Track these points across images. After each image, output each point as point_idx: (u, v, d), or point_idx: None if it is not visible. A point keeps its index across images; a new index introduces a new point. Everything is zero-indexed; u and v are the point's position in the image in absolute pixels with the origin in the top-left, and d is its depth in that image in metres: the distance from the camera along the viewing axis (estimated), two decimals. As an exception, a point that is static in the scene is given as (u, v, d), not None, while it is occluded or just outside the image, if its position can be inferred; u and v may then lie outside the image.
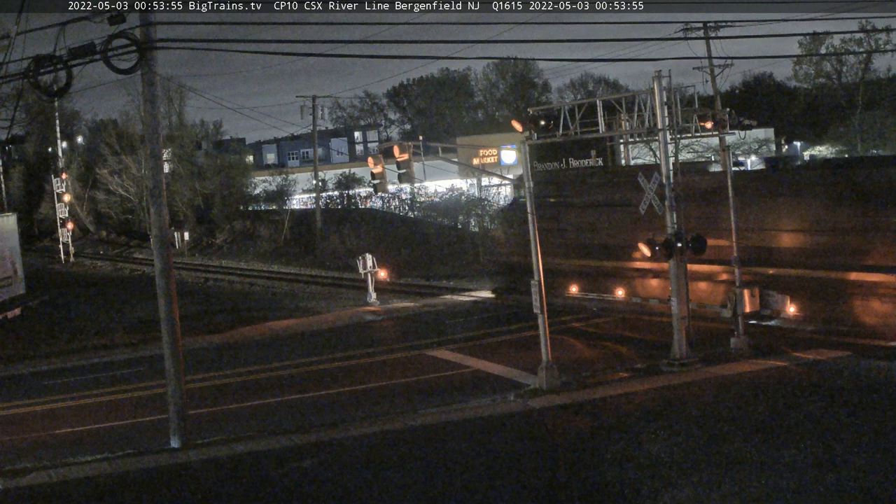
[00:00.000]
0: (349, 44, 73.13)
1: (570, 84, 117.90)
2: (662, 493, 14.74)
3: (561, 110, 25.56)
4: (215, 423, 21.25)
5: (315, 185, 71.35)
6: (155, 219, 19.56)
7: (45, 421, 22.75)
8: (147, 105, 19.83)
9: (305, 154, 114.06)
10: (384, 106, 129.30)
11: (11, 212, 54.03)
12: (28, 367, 30.62)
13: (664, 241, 23.25)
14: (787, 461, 15.66)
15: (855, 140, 72.88)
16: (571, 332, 29.14)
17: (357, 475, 16.83)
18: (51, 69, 18.38)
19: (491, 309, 35.34)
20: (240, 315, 38.16)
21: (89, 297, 47.78)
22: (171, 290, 19.56)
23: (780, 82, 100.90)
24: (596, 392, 21.38)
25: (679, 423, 18.22)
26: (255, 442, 19.15)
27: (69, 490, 16.88)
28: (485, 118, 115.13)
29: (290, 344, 31.61)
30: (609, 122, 25.87)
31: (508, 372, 24.28)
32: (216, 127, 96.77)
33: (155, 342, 29.44)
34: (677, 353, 23.44)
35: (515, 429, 19.20)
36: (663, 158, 23.94)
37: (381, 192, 26.64)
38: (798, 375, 21.33)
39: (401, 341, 30.02)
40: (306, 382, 25.24)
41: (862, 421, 17.57)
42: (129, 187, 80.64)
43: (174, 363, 19.51)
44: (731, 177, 25.44)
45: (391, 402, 22.19)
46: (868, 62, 76.90)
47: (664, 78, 23.70)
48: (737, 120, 25.94)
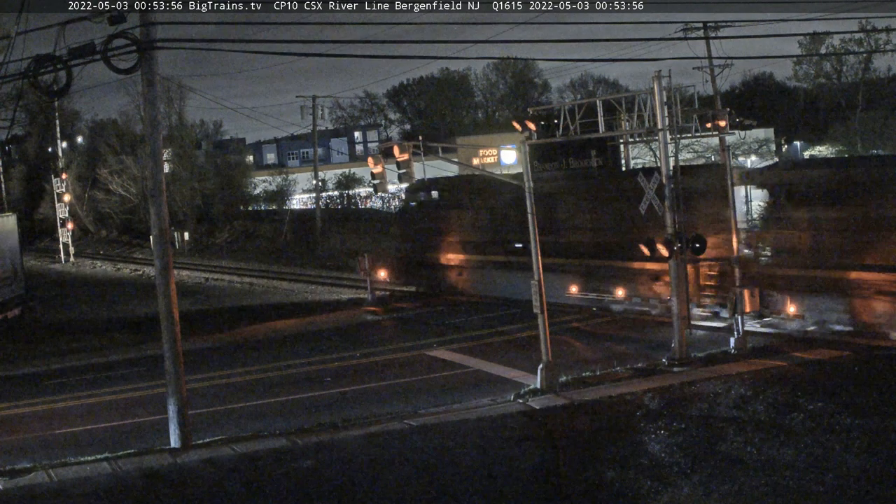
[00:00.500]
0: (349, 44, 73.14)
1: (570, 84, 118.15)
2: (662, 493, 14.75)
3: (561, 110, 25.57)
4: (215, 423, 21.25)
5: (315, 185, 71.37)
6: (155, 219, 19.55)
7: (45, 421, 22.74)
8: (147, 105, 19.82)
9: (305, 154, 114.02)
10: (384, 106, 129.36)
11: (11, 212, 53.99)
12: (28, 367, 30.60)
13: (664, 240, 23.26)
14: (787, 461, 15.66)
15: (855, 140, 72.87)
16: (571, 332, 29.15)
17: (357, 475, 16.83)
18: (51, 69, 18.39)
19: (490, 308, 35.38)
20: (240, 315, 38.16)
21: (89, 297, 47.80)
22: (171, 290, 19.55)
23: (780, 82, 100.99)
24: (596, 392, 21.38)
25: (679, 423, 18.22)
26: (255, 442, 19.15)
27: (69, 490, 16.87)
28: (485, 118, 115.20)
29: (290, 344, 31.61)
30: (609, 122, 25.88)
31: (508, 372, 24.28)
32: (216, 127, 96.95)
33: (155, 342, 29.41)
34: (677, 353, 23.45)
35: (515, 429, 19.19)
36: (663, 158, 23.95)
37: (381, 192, 26.62)
38: (798, 375, 21.32)
39: (401, 341, 30.02)
40: (306, 382, 25.23)
41: (862, 421, 17.57)
42: (129, 187, 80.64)
43: (174, 363, 19.50)
44: (731, 177, 25.46)
45: (391, 402, 22.19)
46: (868, 62, 76.95)
47: (664, 78, 23.71)
48: (737, 120, 25.95)
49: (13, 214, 47.56)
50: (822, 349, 23.80)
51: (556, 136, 25.53)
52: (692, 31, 52.87)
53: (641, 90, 25.08)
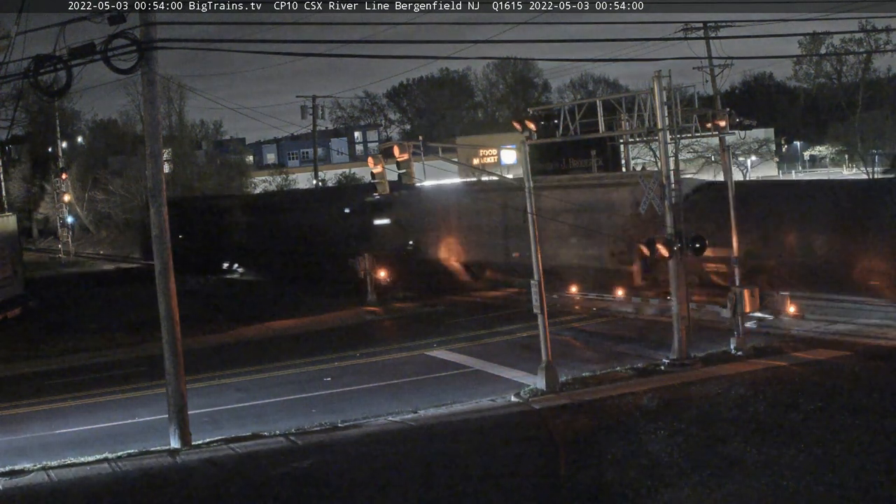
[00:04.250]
0: (349, 44, 73.25)
1: (570, 84, 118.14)
2: (662, 493, 14.74)
3: (561, 110, 25.53)
4: (215, 423, 21.25)
5: (315, 185, 71.37)
6: (155, 219, 19.54)
7: (46, 421, 22.74)
8: (147, 105, 19.83)
9: (305, 154, 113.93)
10: (384, 106, 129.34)
11: (11, 212, 53.99)
12: (28, 367, 30.59)
13: (664, 240, 23.26)
14: (787, 461, 15.65)
15: (855, 140, 72.83)
16: (571, 332, 29.14)
17: (357, 475, 16.82)
18: (51, 69, 18.39)
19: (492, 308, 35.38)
20: (240, 315, 38.13)
21: (89, 296, 47.77)
22: (171, 290, 19.55)
23: (780, 82, 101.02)
24: (596, 392, 21.38)
25: (679, 423, 18.21)
26: (255, 442, 19.15)
27: (69, 490, 16.88)
28: (485, 118, 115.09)
29: (290, 344, 31.60)
30: (609, 122, 25.86)
31: (508, 372, 24.28)
32: (216, 127, 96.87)
33: (155, 342, 29.39)
34: (677, 353, 23.45)
35: (515, 429, 19.19)
36: (663, 158, 23.95)
37: (381, 193, 26.58)
38: (798, 375, 21.32)
39: (401, 341, 30.01)
40: (306, 382, 25.23)
41: (862, 421, 17.55)
42: (129, 187, 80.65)
43: (174, 363, 19.51)
44: (731, 178, 25.46)
45: (391, 402, 22.19)
46: (868, 62, 76.79)
47: (664, 78, 23.69)
48: (737, 120, 25.94)
49: (13, 214, 47.59)
50: (822, 349, 23.79)
51: (556, 136, 25.51)
52: (692, 31, 52.96)
53: (641, 90, 25.05)
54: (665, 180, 23.58)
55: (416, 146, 24.28)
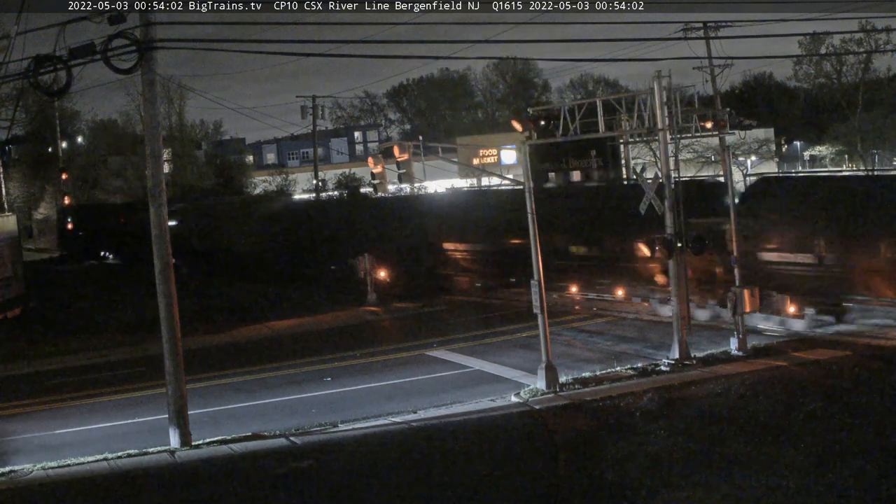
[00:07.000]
0: (349, 44, 73.19)
1: (570, 84, 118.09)
2: (662, 493, 14.74)
3: (561, 110, 25.52)
4: (215, 423, 21.25)
5: (315, 185, 71.35)
6: (155, 219, 19.54)
7: (46, 421, 22.74)
8: (147, 105, 19.83)
9: (305, 154, 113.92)
10: (384, 106, 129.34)
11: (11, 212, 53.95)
12: (28, 366, 30.58)
13: (664, 240, 23.26)
14: (787, 461, 15.65)
15: (855, 140, 72.85)
16: (571, 332, 29.14)
17: (356, 475, 16.83)
18: (51, 69, 18.39)
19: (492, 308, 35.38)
20: (240, 315, 38.10)
21: (89, 296, 47.71)
22: (171, 290, 19.56)
23: (780, 82, 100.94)
24: (596, 392, 21.38)
25: (679, 423, 18.22)
26: (254, 442, 19.15)
27: (69, 490, 16.88)
28: (485, 118, 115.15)
29: (290, 344, 31.59)
30: (609, 122, 25.87)
31: (508, 372, 24.28)
32: (216, 127, 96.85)
33: (155, 342, 29.38)
34: (677, 353, 23.45)
35: (515, 429, 19.20)
36: (663, 158, 23.95)
37: (381, 193, 26.61)
38: (798, 375, 21.32)
39: (401, 341, 30.01)
40: (306, 382, 25.23)
41: (862, 421, 17.56)
42: (129, 187, 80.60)
43: (174, 363, 19.51)
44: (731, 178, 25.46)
45: (391, 402, 22.19)
46: (868, 62, 76.85)
47: (664, 78, 23.70)
48: (737, 120, 25.95)
49: (13, 215, 47.57)
50: (822, 349, 23.79)
51: (556, 136, 25.51)
52: (692, 31, 52.88)
53: (641, 90, 25.08)
54: (665, 180, 23.59)
55: (416, 146, 24.32)
